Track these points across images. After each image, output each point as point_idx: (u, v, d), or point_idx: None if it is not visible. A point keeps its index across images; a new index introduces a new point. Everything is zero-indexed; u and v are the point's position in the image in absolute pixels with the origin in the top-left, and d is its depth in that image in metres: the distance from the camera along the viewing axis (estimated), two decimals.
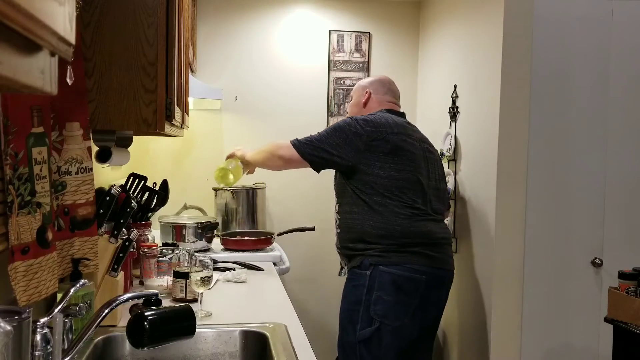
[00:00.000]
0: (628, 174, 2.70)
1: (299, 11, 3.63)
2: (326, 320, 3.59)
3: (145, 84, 1.50)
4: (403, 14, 3.72)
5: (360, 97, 2.63)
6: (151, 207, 2.48)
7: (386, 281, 2.29)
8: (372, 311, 2.29)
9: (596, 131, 2.69)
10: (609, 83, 2.68)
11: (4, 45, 0.44)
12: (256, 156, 2.58)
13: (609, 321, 2.29)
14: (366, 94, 2.61)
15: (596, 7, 2.66)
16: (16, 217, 1.14)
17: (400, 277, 2.30)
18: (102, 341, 1.55)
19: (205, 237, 2.86)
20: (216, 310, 1.82)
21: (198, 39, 3.48)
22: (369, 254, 2.34)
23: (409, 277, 2.31)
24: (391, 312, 2.29)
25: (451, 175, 3.06)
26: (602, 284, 2.66)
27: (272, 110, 3.62)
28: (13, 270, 1.13)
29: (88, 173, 1.48)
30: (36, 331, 1.08)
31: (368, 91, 2.61)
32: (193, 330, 1.23)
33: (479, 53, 2.84)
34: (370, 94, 2.61)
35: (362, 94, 2.63)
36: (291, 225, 3.19)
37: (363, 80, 2.73)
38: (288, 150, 2.41)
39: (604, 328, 2.47)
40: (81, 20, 1.44)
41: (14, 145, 1.14)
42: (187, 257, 2.06)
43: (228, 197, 3.29)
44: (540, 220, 2.66)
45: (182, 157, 3.55)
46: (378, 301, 2.29)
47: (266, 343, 1.57)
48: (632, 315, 2.19)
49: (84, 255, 1.46)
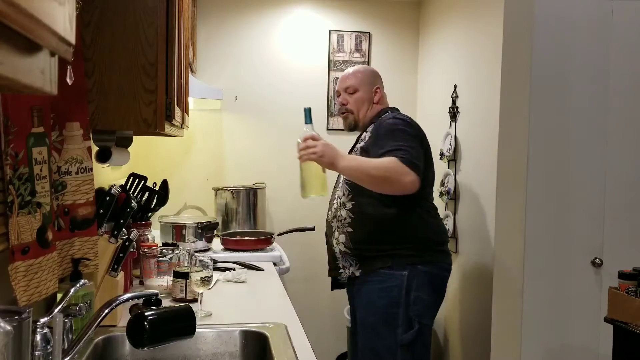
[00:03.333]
0: (628, 174, 2.70)
1: (299, 11, 3.63)
2: (326, 320, 3.59)
3: (145, 84, 1.50)
4: (403, 14, 3.72)
5: (370, 94, 2.42)
6: (151, 207, 2.48)
7: (425, 281, 2.22)
8: (412, 312, 2.21)
9: (596, 131, 2.69)
10: (609, 83, 2.68)
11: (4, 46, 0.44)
12: (358, 173, 2.14)
13: (609, 321, 2.29)
14: (376, 90, 2.44)
15: (596, 7, 2.66)
16: (16, 217, 1.14)
17: (436, 275, 2.27)
18: (102, 341, 1.55)
19: (205, 237, 2.86)
20: (216, 310, 1.82)
21: (198, 39, 3.48)
22: (401, 254, 2.22)
23: (442, 275, 2.31)
24: (428, 312, 2.26)
25: (451, 175, 3.06)
26: (602, 284, 2.66)
27: (272, 110, 3.62)
28: (13, 270, 1.13)
29: (88, 173, 1.48)
30: (36, 331, 1.08)
31: (378, 88, 2.45)
32: (193, 330, 1.23)
33: (479, 53, 2.84)
34: (381, 91, 2.46)
35: (371, 90, 2.43)
36: (291, 225, 3.19)
37: (361, 71, 2.47)
38: (411, 177, 2.10)
39: (604, 328, 2.47)
40: (81, 20, 1.44)
41: (14, 145, 1.14)
42: (187, 257, 2.06)
43: (228, 197, 3.30)
44: (540, 220, 2.66)
45: (182, 157, 3.55)
46: (417, 301, 2.21)
47: (266, 343, 1.57)
48: (632, 315, 2.19)
49: (84, 255, 1.46)
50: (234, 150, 3.60)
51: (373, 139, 2.26)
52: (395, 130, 2.21)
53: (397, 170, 2.08)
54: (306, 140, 2.06)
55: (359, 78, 2.43)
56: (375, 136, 2.26)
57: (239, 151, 3.60)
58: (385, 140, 2.18)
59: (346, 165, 2.10)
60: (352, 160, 2.15)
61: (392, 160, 2.09)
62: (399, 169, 2.08)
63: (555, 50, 2.65)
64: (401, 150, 2.12)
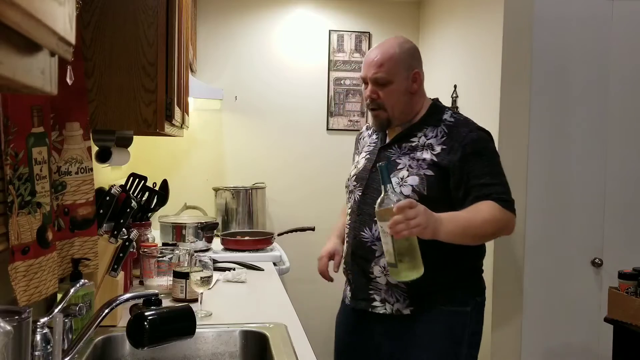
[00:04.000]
0: (628, 174, 2.70)
1: (299, 11, 3.64)
2: (326, 320, 3.58)
3: (145, 84, 1.50)
4: (403, 14, 3.72)
5: (408, 83, 1.85)
6: (151, 207, 2.48)
7: (481, 313, 1.91)
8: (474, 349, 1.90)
9: (596, 131, 2.68)
10: (609, 83, 2.68)
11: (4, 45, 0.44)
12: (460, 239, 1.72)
13: (609, 321, 2.29)
14: (415, 77, 1.87)
15: (596, 7, 2.66)
16: (16, 217, 1.14)
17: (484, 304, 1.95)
18: (102, 341, 1.55)
19: (205, 237, 2.86)
20: (216, 310, 1.82)
21: (198, 39, 3.48)
22: (463, 285, 1.87)
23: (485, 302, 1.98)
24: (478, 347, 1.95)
25: None
26: (602, 284, 2.66)
27: (272, 110, 3.62)
28: (13, 270, 1.13)
29: (88, 173, 1.48)
30: (36, 331, 1.08)
31: (417, 72, 1.87)
32: (193, 330, 1.23)
33: (479, 53, 2.84)
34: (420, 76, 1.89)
35: (408, 77, 1.85)
36: (291, 225, 3.19)
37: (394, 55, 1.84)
38: (514, 221, 1.80)
39: (604, 328, 2.47)
40: (81, 20, 1.44)
41: (14, 145, 1.14)
42: (187, 257, 2.06)
43: (228, 197, 3.30)
44: (540, 220, 2.66)
45: (182, 157, 3.55)
46: (476, 338, 1.91)
47: (266, 343, 1.57)
48: (632, 315, 2.19)
49: (84, 255, 1.46)
50: (234, 150, 3.60)
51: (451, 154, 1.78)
52: (485, 152, 1.81)
53: (504, 221, 1.75)
54: (403, 210, 1.54)
55: (392, 65, 1.83)
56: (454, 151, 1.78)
57: (239, 151, 3.60)
58: (476, 166, 1.76)
59: (449, 231, 1.65)
60: (452, 223, 1.67)
61: (495, 210, 1.72)
62: (506, 218, 1.75)
63: (555, 51, 2.65)
64: (499, 185, 1.77)
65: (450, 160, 1.77)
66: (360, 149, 2.07)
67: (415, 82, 1.86)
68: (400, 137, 1.89)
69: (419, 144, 1.85)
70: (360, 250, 1.89)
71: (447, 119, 1.86)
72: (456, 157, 1.77)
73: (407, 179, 1.80)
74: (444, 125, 1.84)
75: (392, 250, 1.60)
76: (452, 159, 1.77)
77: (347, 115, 3.67)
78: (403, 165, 1.83)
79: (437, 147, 1.81)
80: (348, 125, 3.66)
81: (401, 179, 1.80)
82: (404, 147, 1.87)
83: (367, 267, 1.87)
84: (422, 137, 1.85)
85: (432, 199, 1.74)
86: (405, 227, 1.54)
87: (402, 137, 1.89)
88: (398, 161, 1.85)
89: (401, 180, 1.80)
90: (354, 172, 2.00)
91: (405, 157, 1.84)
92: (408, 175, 1.80)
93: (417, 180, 1.79)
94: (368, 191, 1.90)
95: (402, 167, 1.83)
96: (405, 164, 1.83)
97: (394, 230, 1.55)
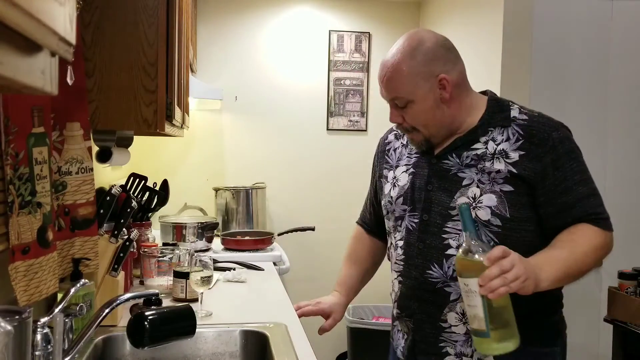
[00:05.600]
0: (628, 174, 2.70)
1: (299, 11, 3.64)
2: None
3: (146, 84, 1.50)
4: (403, 14, 3.72)
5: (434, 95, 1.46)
6: (151, 207, 2.48)
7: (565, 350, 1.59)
8: None
9: (596, 131, 2.69)
10: (609, 83, 2.68)
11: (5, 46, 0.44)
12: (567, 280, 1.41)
13: (609, 321, 2.29)
14: (442, 82, 1.45)
15: (596, 7, 2.66)
16: (17, 217, 1.14)
17: None
18: (102, 341, 1.55)
19: (205, 237, 2.86)
20: (216, 310, 1.82)
21: (198, 39, 3.48)
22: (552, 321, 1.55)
23: None
24: None
25: None
26: (602, 284, 2.66)
27: (273, 110, 3.62)
28: (13, 270, 1.13)
29: (88, 173, 1.48)
30: (36, 331, 1.08)
31: (444, 77, 1.45)
32: (193, 330, 1.24)
33: (479, 53, 2.84)
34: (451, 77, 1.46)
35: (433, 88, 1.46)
36: (291, 225, 3.19)
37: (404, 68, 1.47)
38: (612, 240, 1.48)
39: (603, 328, 2.47)
40: (81, 20, 1.44)
41: (15, 145, 1.14)
42: (187, 257, 2.07)
43: (228, 197, 3.30)
44: None
45: (182, 157, 3.55)
46: None
47: (266, 343, 1.57)
48: (632, 315, 2.19)
49: (85, 255, 1.46)
50: (234, 150, 3.61)
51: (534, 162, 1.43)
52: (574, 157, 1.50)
53: (605, 247, 1.46)
54: (497, 261, 1.25)
55: (406, 82, 1.47)
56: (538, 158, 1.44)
57: (239, 151, 3.61)
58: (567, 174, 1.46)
59: (552, 278, 1.34)
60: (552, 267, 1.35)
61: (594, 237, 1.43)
62: (606, 242, 1.46)
63: (554, 50, 2.65)
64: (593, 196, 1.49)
65: (533, 170, 1.43)
66: (394, 160, 1.65)
67: (444, 89, 1.46)
68: (459, 143, 1.50)
69: (488, 151, 1.46)
70: (426, 293, 1.49)
71: (517, 117, 1.50)
72: (540, 165, 1.43)
73: (482, 199, 1.43)
74: (515, 125, 1.47)
75: (483, 314, 1.27)
76: (536, 168, 1.43)
77: (347, 115, 3.67)
78: (470, 181, 1.46)
79: (512, 153, 1.44)
80: (348, 125, 3.66)
81: (473, 198, 1.44)
82: (466, 156, 1.48)
83: (438, 314, 1.48)
84: (489, 143, 1.47)
85: (517, 221, 1.43)
86: (502, 283, 1.23)
87: (461, 143, 1.50)
88: (461, 175, 1.47)
89: (474, 201, 1.43)
90: (396, 192, 1.58)
91: (470, 170, 1.46)
92: (481, 193, 1.43)
93: (495, 199, 1.42)
94: (431, 217, 1.50)
95: (470, 183, 1.45)
96: (473, 178, 1.45)
97: (488, 288, 1.24)
